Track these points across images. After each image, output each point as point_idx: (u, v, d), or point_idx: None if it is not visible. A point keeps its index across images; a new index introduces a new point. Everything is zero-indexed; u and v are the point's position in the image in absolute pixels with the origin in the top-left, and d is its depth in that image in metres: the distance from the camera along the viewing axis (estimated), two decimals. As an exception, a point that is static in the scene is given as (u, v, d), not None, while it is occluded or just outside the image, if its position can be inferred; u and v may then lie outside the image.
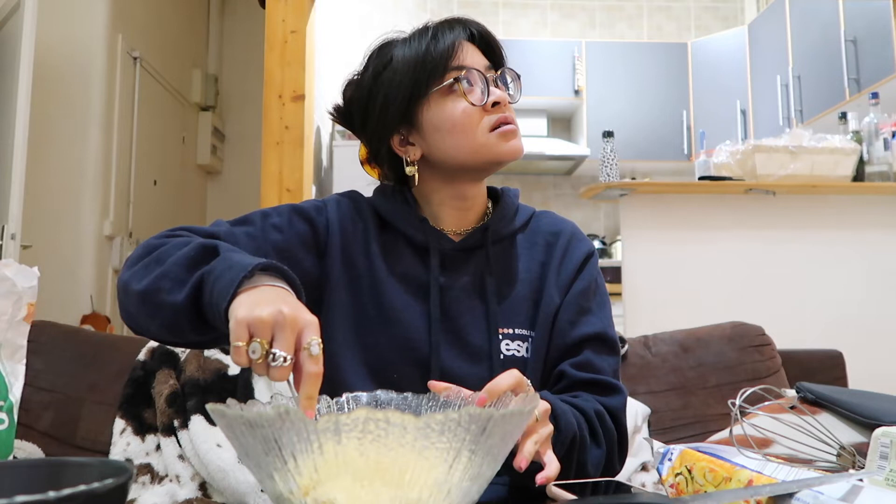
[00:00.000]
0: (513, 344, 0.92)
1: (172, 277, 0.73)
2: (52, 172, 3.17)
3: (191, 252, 0.74)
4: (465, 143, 0.90)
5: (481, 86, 0.90)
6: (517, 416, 0.54)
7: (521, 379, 0.69)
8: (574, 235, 1.00)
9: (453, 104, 0.89)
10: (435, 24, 0.93)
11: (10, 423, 0.71)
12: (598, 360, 0.91)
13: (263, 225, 0.91)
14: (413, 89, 0.90)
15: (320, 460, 0.49)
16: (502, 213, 0.98)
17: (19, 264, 0.76)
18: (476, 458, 0.51)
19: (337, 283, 0.93)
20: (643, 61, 4.83)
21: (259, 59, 3.02)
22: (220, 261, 0.70)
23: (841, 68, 3.63)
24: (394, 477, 0.49)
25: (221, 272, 0.68)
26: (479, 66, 0.91)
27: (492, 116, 0.89)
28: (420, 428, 0.48)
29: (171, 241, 0.80)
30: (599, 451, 0.85)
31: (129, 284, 0.77)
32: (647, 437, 1.47)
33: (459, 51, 0.91)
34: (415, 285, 0.92)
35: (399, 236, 0.95)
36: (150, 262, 0.77)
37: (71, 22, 3.29)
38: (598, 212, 5.09)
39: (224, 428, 0.53)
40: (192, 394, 1.37)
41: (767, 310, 2.47)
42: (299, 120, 2.78)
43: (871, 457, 0.64)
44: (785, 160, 2.66)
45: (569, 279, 0.96)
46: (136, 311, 0.77)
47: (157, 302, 0.73)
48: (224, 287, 0.65)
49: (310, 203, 0.97)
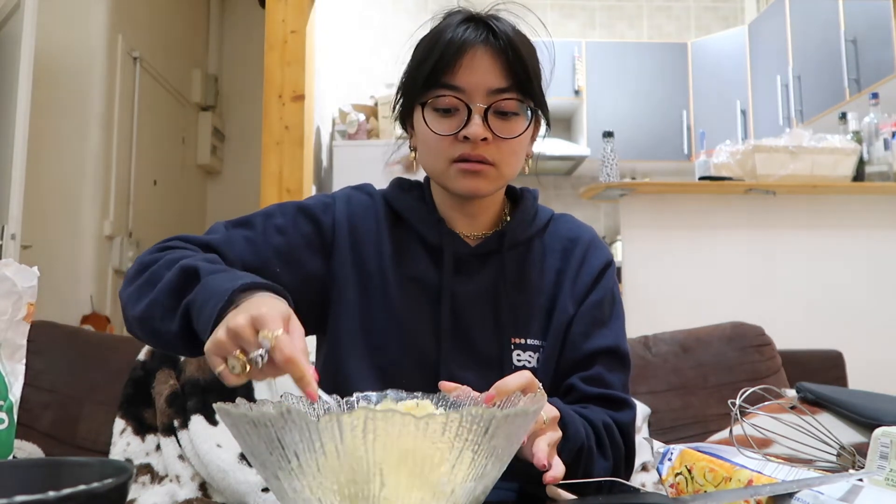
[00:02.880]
0: (524, 354, 0.90)
1: (162, 304, 0.74)
2: (52, 172, 3.17)
3: (173, 278, 0.74)
4: (432, 163, 0.89)
5: (463, 113, 0.84)
6: (521, 417, 0.54)
7: (531, 380, 0.67)
8: (592, 243, 0.97)
9: (433, 122, 0.86)
10: (458, 20, 0.87)
11: (10, 423, 0.71)
12: (609, 376, 0.89)
13: (265, 227, 0.89)
14: (410, 92, 0.90)
15: (322, 459, 0.49)
16: (521, 216, 0.95)
17: (19, 264, 0.75)
18: (479, 457, 0.51)
19: (345, 283, 0.90)
20: (643, 61, 4.83)
21: (259, 59, 3.02)
22: (201, 289, 0.71)
23: (841, 68, 3.63)
24: (396, 476, 0.49)
25: (203, 303, 0.69)
26: (478, 88, 0.83)
27: (459, 147, 0.84)
28: (421, 427, 0.48)
29: (162, 258, 0.80)
30: (606, 463, 0.84)
31: (127, 307, 0.79)
32: (647, 437, 1.47)
33: (462, 66, 0.83)
34: (426, 289, 0.90)
35: (412, 235, 0.93)
36: (144, 285, 0.78)
37: (71, 22, 3.29)
38: (598, 212, 5.08)
39: (230, 427, 0.54)
40: (192, 394, 1.37)
41: (767, 310, 2.47)
42: (299, 120, 2.78)
43: (871, 457, 0.64)
44: (785, 160, 2.66)
45: (584, 290, 0.93)
46: (137, 331, 0.80)
47: (153, 329, 0.75)
48: (206, 320, 0.66)
49: (317, 200, 0.94)
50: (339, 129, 3.43)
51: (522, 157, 0.91)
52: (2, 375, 0.72)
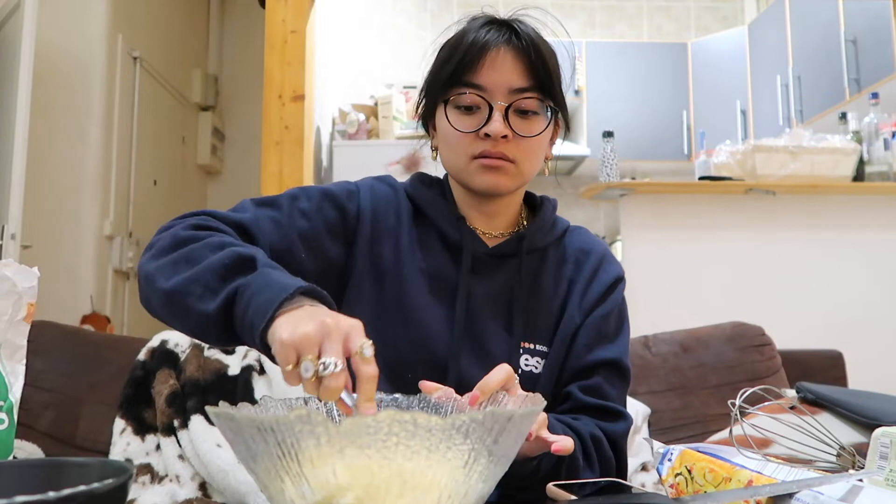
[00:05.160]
0: (531, 360, 0.90)
1: (204, 284, 0.69)
2: (52, 172, 3.17)
3: (226, 259, 0.70)
4: (453, 160, 0.90)
5: (484, 112, 0.86)
6: (533, 416, 0.54)
7: (510, 373, 0.67)
8: (605, 257, 0.98)
9: (454, 119, 0.88)
10: (482, 22, 0.89)
11: (10, 423, 0.71)
12: (608, 388, 0.90)
13: (291, 210, 0.87)
14: (433, 91, 0.91)
15: (340, 464, 0.48)
16: (540, 224, 0.95)
17: (19, 264, 0.75)
18: (493, 458, 0.51)
19: (361, 273, 0.90)
20: (643, 61, 4.83)
21: (259, 59, 3.02)
22: (258, 276, 0.67)
23: (841, 68, 3.63)
24: (414, 479, 0.48)
25: (259, 289, 0.65)
26: (499, 87, 0.85)
27: (480, 144, 0.86)
28: (447, 430, 0.47)
29: (203, 237, 0.76)
30: (593, 474, 0.84)
31: (154, 279, 0.73)
32: (647, 437, 1.47)
33: (485, 65, 0.85)
34: (441, 285, 0.90)
35: (432, 231, 0.93)
36: (179, 260, 0.73)
37: (71, 22, 3.29)
38: (598, 212, 5.08)
39: (228, 432, 0.52)
40: (192, 394, 1.37)
41: (767, 310, 2.47)
42: (299, 120, 2.79)
43: (871, 457, 0.64)
44: (785, 160, 2.66)
45: (593, 301, 0.93)
46: (158, 307, 0.74)
47: (185, 306, 0.70)
48: (262, 306, 0.62)
49: (341, 187, 0.94)
50: (339, 129, 3.43)
51: (542, 156, 0.92)
52: (2, 375, 0.72)
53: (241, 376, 1.41)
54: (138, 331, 3.31)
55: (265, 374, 1.41)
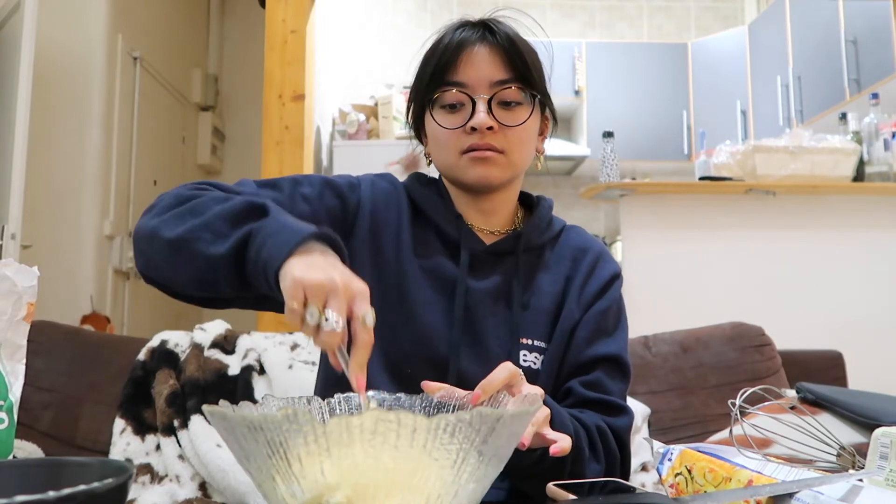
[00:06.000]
0: (530, 356, 0.90)
1: (214, 230, 0.70)
2: (52, 172, 3.17)
3: (236, 207, 0.71)
4: (444, 158, 0.91)
5: (468, 107, 0.88)
6: (525, 416, 0.54)
7: (514, 371, 0.68)
8: (602, 255, 0.99)
9: (441, 118, 0.89)
10: (456, 26, 0.91)
11: (10, 423, 0.71)
12: (608, 383, 0.90)
13: (293, 193, 0.89)
14: (418, 96, 0.93)
15: (328, 463, 0.48)
16: (536, 222, 0.96)
17: (19, 264, 0.75)
18: (484, 458, 0.51)
19: (361, 266, 0.90)
20: (643, 61, 4.83)
21: (259, 59, 3.02)
22: (272, 220, 0.68)
23: (841, 68, 3.63)
24: (403, 479, 0.48)
25: (274, 231, 0.66)
26: (480, 82, 0.87)
27: (468, 139, 0.88)
28: (431, 429, 0.47)
29: (207, 193, 0.77)
30: (598, 466, 0.84)
31: (158, 231, 0.73)
32: (647, 437, 1.47)
33: (463, 61, 0.88)
34: (441, 282, 0.91)
35: (431, 229, 0.94)
36: (185, 213, 0.74)
37: (71, 22, 3.29)
38: (598, 212, 5.09)
39: (222, 430, 0.52)
40: (191, 394, 1.37)
41: (767, 310, 2.47)
42: (299, 120, 2.79)
43: (871, 457, 0.64)
44: (785, 160, 2.66)
45: (591, 297, 0.94)
46: (161, 260, 0.74)
47: (193, 251, 0.70)
48: (277, 246, 0.64)
49: (343, 178, 0.95)
50: (339, 129, 3.43)
51: (531, 147, 0.93)
52: (2, 375, 0.72)
53: (241, 376, 1.41)
54: (138, 331, 3.31)
55: (265, 374, 1.41)
